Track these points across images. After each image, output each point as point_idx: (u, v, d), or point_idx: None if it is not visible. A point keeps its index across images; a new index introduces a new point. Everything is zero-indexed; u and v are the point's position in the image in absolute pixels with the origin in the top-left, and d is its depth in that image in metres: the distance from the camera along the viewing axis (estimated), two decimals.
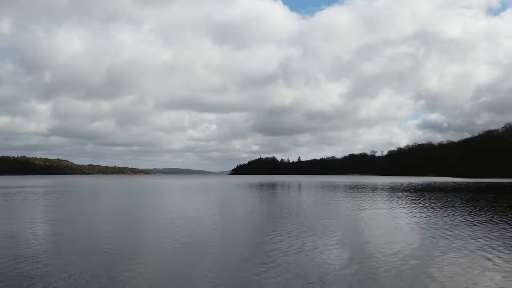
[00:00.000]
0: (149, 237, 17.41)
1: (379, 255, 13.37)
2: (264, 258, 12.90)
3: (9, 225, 20.36)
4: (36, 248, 14.52)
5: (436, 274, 11.20)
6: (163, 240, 16.01)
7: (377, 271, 11.41)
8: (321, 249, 14.36)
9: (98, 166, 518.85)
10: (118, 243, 15.51)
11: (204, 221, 22.25)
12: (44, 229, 19.62)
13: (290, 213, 26.55)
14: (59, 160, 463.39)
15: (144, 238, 17.44)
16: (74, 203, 36.13)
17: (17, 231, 18.67)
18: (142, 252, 14.16)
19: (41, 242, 15.87)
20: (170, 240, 15.97)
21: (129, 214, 27.25)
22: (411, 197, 43.67)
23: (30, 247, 14.66)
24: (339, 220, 22.87)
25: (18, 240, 16.09)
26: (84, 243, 15.52)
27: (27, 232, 18.23)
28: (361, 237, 17.26)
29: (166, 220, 22.49)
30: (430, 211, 27.68)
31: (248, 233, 18.45)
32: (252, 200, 38.71)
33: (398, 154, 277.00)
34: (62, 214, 26.30)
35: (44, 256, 13.16)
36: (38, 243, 15.59)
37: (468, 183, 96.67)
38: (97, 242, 15.66)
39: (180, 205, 33.73)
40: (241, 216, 25.59)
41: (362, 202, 36.06)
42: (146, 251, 14.34)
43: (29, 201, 37.55)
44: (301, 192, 54.39)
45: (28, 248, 14.47)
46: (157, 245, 15.22)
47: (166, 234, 17.53)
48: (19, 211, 28.29)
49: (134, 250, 14.41)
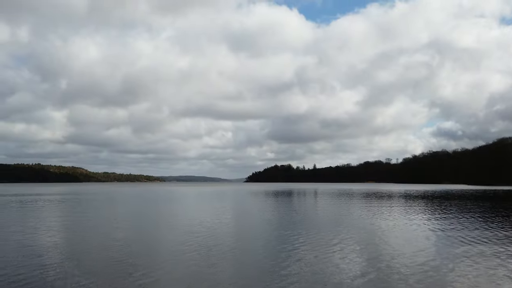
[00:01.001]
0: (167, 245, 17.37)
1: (396, 264, 13.23)
2: (280, 266, 12.86)
3: (30, 234, 20.51)
4: (56, 256, 14.62)
5: (454, 284, 11.06)
6: (180, 248, 16.04)
7: (394, 281, 11.27)
8: (338, 258, 14.25)
9: (113, 174, 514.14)
10: (136, 251, 15.58)
11: (221, 229, 22.20)
12: (64, 237, 19.78)
13: (306, 221, 26.47)
14: (74, 168, 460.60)
15: (163, 245, 17.45)
16: (92, 211, 36.18)
17: (37, 239, 18.80)
18: (160, 259, 14.09)
19: (61, 250, 15.97)
20: (188, 248, 15.98)
21: (147, 222, 27.43)
22: (428, 205, 43.38)
23: (49, 255, 14.78)
24: (356, 229, 22.63)
25: (38, 248, 16.19)
26: (103, 251, 15.56)
27: (48, 240, 18.36)
28: (378, 246, 17.04)
29: (184, 228, 22.54)
30: (448, 219, 27.47)
31: (265, 241, 18.37)
32: (268, 208, 38.68)
33: (413, 161, 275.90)
34: (81, 222, 26.41)
35: (64, 263, 13.23)
36: (59, 251, 15.70)
37: (485, 190, 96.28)
38: (116, 250, 15.71)
39: (197, 213, 33.57)
40: (258, 224, 25.44)
41: (379, 210, 35.90)
42: (165, 258, 14.27)
43: (47, 209, 37.79)
44: (317, 200, 54.25)
45: (48, 256, 14.56)
46: (175, 253, 15.23)
47: (184, 241, 17.55)
48: (39, 219, 28.36)
49: (152, 258, 14.40)
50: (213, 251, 15.51)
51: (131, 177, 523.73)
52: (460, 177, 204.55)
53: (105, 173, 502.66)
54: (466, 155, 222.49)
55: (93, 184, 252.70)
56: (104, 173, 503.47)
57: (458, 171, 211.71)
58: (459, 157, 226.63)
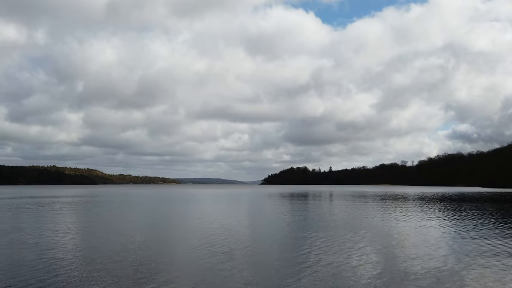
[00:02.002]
0: (187, 247, 17.21)
1: (411, 267, 13.01)
2: (297, 268, 12.70)
3: (49, 236, 20.54)
4: (74, 258, 14.62)
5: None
6: (197, 249, 15.96)
7: (410, 283, 11.08)
8: (354, 260, 14.01)
9: (129, 176, 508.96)
10: (156, 254, 15.50)
11: (239, 231, 22.14)
12: (83, 239, 19.71)
13: (322, 223, 26.28)
14: (89, 170, 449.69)
15: (183, 247, 17.33)
16: (110, 213, 35.99)
17: (56, 241, 18.88)
18: (180, 261, 14.09)
19: (80, 252, 15.96)
20: (205, 250, 15.89)
21: (166, 224, 27.50)
22: (445, 207, 42.89)
23: (69, 257, 14.78)
24: (372, 231, 22.34)
25: (58, 251, 16.21)
26: (123, 253, 15.44)
27: (68, 243, 18.48)
28: (394, 249, 16.76)
29: (204, 230, 22.47)
30: (466, 222, 27.03)
31: (282, 243, 18.21)
32: (284, 210, 38.41)
33: (428, 164, 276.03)
34: (99, 224, 26.37)
35: (82, 265, 13.21)
36: (77, 253, 15.71)
37: (501, 193, 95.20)
38: (134, 252, 15.68)
39: (216, 215, 33.42)
40: (275, 226, 25.23)
41: (394, 212, 35.59)
42: (185, 260, 14.27)
43: (65, 211, 37.76)
44: (333, 202, 54.05)
45: (68, 258, 14.58)
46: (191, 254, 15.13)
47: (204, 244, 17.49)
48: (57, 221, 28.42)
49: (172, 260, 14.30)
50: (232, 253, 15.37)
51: (146, 179, 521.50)
52: (475, 179, 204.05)
53: (121, 175, 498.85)
54: (481, 157, 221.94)
55: (109, 186, 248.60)
56: (119, 175, 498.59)
57: (473, 174, 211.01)
58: (474, 159, 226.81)
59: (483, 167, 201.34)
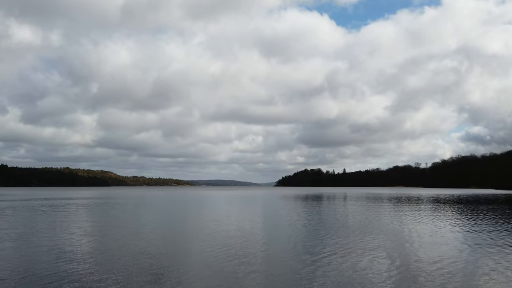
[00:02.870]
0: (203, 248, 17.01)
1: (425, 270, 12.70)
2: (311, 270, 12.51)
3: (70, 239, 20.45)
4: (91, 260, 14.47)
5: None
6: (215, 252, 15.79)
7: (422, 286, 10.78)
8: (367, 262, 13.78)
9: (143, 178, 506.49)
10: (173, 255, 15.45)
11: (255, 233, 21.96)
12: (100, 241, 19.54)
13: (336, 225, 25.91)
14: (103, 172, 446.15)
15: (199, 248, 17.12)
16: (127, 215, 35.76)
17: (78, 244, 18.75)
18: (196, 262, 13.92)
19: (97, 254, 15.85)
20: (223, 253, 15.71)
21: (183, 226, 27.36)
22: (462, 209, 42.37)
23: (88, 259, 14.63)
24: (386, 233, 21.96)
25: (79, 253, 16.10)
26: (142, 255, 15.32)
27: (87, 245, 18.38)
28: (408, 251, 16.38)
29: (219, 233, 22.28)
30: (484, 224, 26.45)
31: (296, 245, 17.94)
32: (300, 212, 38.05)
33: (442, 166, 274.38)
34: (117, 227, 26.12)
35: (98, 268, 13.08)
36: (94, 255, 15.60)
37: None
38: (153, 255, 15.57)
39: (232, 217, 33.10)
40: (289, 228, 24.87)
41: (408, 214, 35.17)
42: (201, 261, 14.10)
43: (81, 213, 37.49)
44: (347, 204, 53.59)
45: (86, 261, 14.42)
46: (210, 257, 14.97)
47: (219, 245, 17.33)
48: (73, 223, 28.27)
49: (187, 261, 14.22)
50: (250, 256, 15.16)
51: (160, 181, 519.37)
52: (489, 181, 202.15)
53: (134, 177, 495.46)
54: (494, 159, 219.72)
55: (123, 188, 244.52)
56: (133, 177, 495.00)
57: (486, 176, 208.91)
58: (487, 161, 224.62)
59: (496, 169, 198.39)
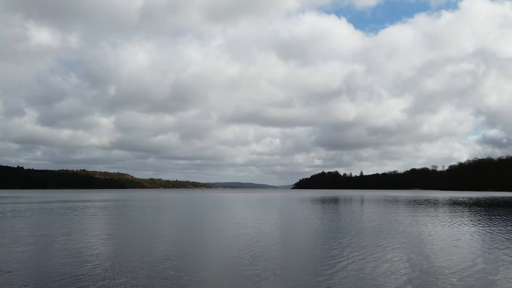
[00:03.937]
0: (223, 252, 16.70)
1: (442, 273, 12.08)
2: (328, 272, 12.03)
3: (91, 242, 20.27)
4: (114, 262, 14.23)
5: None
6: (235, 256, 15.51)
7: None
8: (384, 265, 13.21)
9: (159, 180, 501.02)
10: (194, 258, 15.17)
11: (276, 236, 21.52)
12: (122, 244, 19.36)
13: (354, 227, 25.42)
14: (119, 174, 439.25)
15: (219, 251, 16.75)
16: (146, 218, 35.54)
17: (98, 247, 18.52)
18: (216, 265, 13.49)
19: (120, 256, 15.60)
20: (243, 256, 15.40)
21: (202, 229, 27.15)
22: (481, 212, 41.51)
23: (108, 262, 14.41)
24: (403, 236, 21.40)
25: (99, 256, 15.87)
26: (163, 258, 15.01)
27: (107, 248, 18.22)
28: (426, 254, 15.77)
29: (239, 236, 22.00)
30: (500, 228, 25.66)
31: (313, 247, 17.53)
32: (318, 215, 37.61)
33: (459, 169, 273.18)
34: (137, 229, 25.99)
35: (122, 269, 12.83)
36: (118, 258, 15.35)
37: None
38: (173, 257, 15.25)
39: (251, 220, 32.85)
40: (309, 232, 24.43)
41: (426, 217, 34.54)
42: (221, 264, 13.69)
43: (101, 216, 37.20)
44: (364, 207, 52.94)
45: (107, 264, 14.20)
46: (230, 261, 14.71)
47: (240, 248, 17.01)
48: (95, 226, 28.12)
49: (207, 264, 13.83)
50: (269, 259, 14.79)
51: (177, 183, 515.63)
52: (505, 184, 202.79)
53: (151, 179, 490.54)
54: (510, 162, 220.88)
55: (140, 191, 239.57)
56: (150, 179, 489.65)
57: (503, 178, 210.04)
58: (504, 164, 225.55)
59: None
